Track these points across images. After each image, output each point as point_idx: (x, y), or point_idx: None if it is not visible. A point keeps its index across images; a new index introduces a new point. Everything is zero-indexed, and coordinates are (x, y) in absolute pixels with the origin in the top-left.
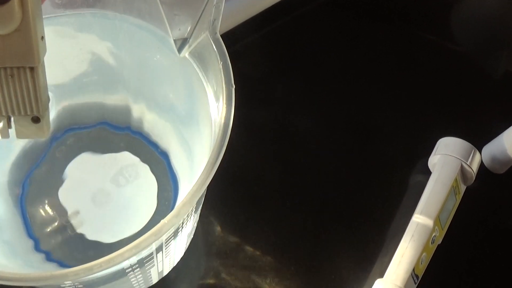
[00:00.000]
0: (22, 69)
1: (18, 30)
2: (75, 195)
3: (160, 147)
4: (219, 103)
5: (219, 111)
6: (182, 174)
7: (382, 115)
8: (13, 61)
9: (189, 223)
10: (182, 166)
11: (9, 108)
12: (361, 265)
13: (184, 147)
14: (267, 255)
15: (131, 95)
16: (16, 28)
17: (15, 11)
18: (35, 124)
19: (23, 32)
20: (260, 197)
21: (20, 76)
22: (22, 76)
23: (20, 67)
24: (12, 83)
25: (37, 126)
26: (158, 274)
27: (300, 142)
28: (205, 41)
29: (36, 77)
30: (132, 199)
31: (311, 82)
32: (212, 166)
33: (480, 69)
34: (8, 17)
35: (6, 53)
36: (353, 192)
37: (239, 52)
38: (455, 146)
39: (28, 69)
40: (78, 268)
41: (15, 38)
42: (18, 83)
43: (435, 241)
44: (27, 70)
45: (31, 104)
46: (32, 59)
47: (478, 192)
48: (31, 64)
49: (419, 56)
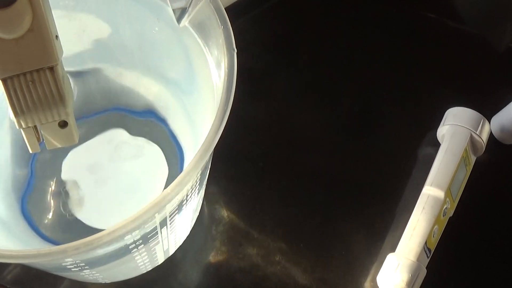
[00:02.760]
0: (42, 71)
1: (31, 30)
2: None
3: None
4: (220, 70)
5: (221, 77)
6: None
7: (389, 89)
8: (31, 64)
9: (194, 196)
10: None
11: (35, 118)
12: (371, 240)
13: (188, 120)
14: (275, 233)
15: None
16: (28, 28)
17: (25, 10)
18: (63, 129)
19: (37, 31)
20: (267, 174)
21: (41, 80)
22: (43, 79)
23: (40, 69)
24: (34, 88)
25: (66, 131)
26: (164, 252)
27: (306, 118)
28: (205, 8)
29: (57, 77)
30: (139, 181)
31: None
32: (215, 132)
33: (485, 42)
34: (18, 18)
35: (22, 57)
36: (361, 167)
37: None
38: (463, 115)
39: (48, 70)
40: (78, 242)
41: (29, 39)
42: (40, 87)
43: (447, 214)
44: (46, 71)
45: (57, 107)
46: (50, 58)
47: (488, 163)
48: (50, 63)
49: (423, 34)
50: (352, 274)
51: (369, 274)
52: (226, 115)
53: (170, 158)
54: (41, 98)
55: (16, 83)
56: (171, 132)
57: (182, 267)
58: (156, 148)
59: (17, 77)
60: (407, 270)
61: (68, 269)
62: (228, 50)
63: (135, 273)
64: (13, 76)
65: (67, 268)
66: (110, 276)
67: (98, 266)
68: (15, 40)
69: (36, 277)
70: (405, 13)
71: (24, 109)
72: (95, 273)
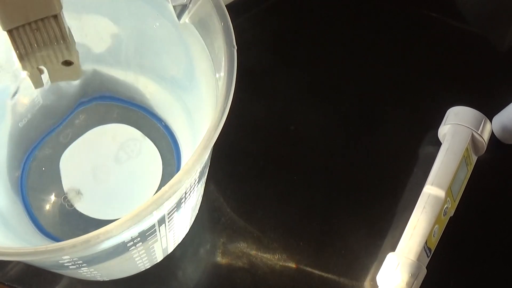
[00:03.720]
0: (46, 20)
1: None
2: (76, 171)
3: (164, 121)
4: (220, 67)
5: (220, 74)
6: (185, 147)
7: (390, 88)
8: (36, 14)
9: (193, 194)
10: (186, 138)
11: (40, 60)
12: (371, 239)
13: (187, 118)
14: (275, 231)
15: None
16: None
17: None
18: (67, 67)
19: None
20: (267, 172)
21: (46, 27)
22: (48, 26)
23: (44, 18)
24: (40, 35)
25: (70, 68)
26: (163, 250)
27: (307, 117)
28: (205, 4)
29: (62, 24)
30: (135, 175)
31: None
32: (214, 128)
33: (487, 42)
34: None
35: (27, 8)
36: (362, 166)
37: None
38: (465, 115)
39: (52, 17)
40: (75, 240)
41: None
42: (46, 34)
43: (447, 213)
44: (51, 19)
45: (62, 50)
46: (53, 7)
47: (489, 163)
48: (53, 12)
49: (425, 33)
50: (352, 273)
51: (369, 274)
52: (225, 111)
53: (167, 155)
54: (46, 42)
55: (22, 32)
56: (168, 128)
57: (181, 265)
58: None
59: (22, 26)
60: (407, 270)
61: (65, 266)
62: (228, 47)
63: (133, 271)
64: (18, 26)
65: (64, 265)
66: (108, 274)
67: (96, 264)
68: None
69: (35, 274)
70: (407, 12)
71: (30, 53)
72: (93, 270)
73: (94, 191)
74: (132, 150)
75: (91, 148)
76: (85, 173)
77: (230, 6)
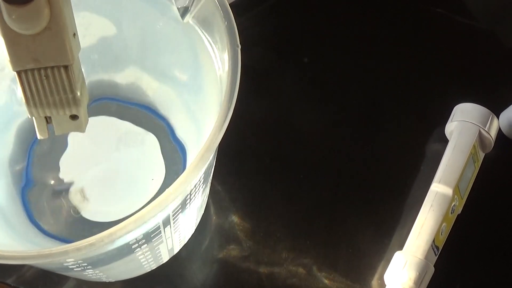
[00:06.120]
0: (57, 69)
1: (49, 28)
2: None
3: (167, 119)
4: (224, 66)
5: (225, 73)
6: (190, 147)
7: (396, 85)
8: (47, 61)
9: (198, 195)
10: (190, 138)
11: (46, 109)
12: (379, 237)
13: (191, 118)
14: (282, 231)
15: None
16: (46, 27)
17: (43, 9)
18: (73, 120)
19: (54, 30)
20: (273, 171)
21: (55, 76)
22: (57, 76)
23: (54, 66)
24: (48, 84)
25: (75, 122)
26: (168, 251)
27: (312, 115)
28: (209, 4)
29: (72, 76)
30: (139, 174)
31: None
32: (219, 129)
33: (493, 38)
34: (35, 16)
35: (38, 53)
36: (368, 164)
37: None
38: (472, 112)
39: (63, 68)
40: (79, 243)
41: (46, 37)
42: (54, 84)
43: (455, 211)
44: (61, 69)
45: (69, 103)
46: (65, 58)
47: (496, 160)
48: (64, 62)
49: (431, 29)
50: (359, 272)
51: (377, 272)
52: (230, 111)
53: (171, 154)
54: (54, 94)
55: (31, 76)
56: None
57: (187, 265)
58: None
59: (31, 70)
60: (415, 268)
61: (70, 269)
62: (232, 46)
63: (139, 272)
64: (27, 69)
65: (69, 268)
66: (113, 275)
67: (101, 266)
68: (32, 36)
69: (40, 276)
70: (413, 8)
71: (37, 101)
72: (98, 272)
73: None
74: (135, 147)
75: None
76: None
77: (232, 5)
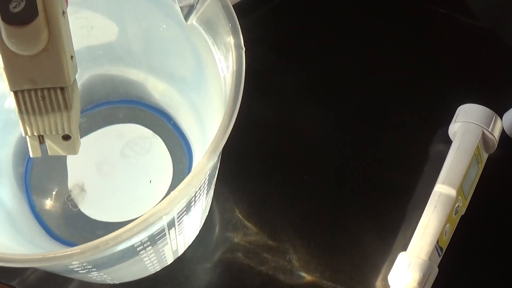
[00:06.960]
0: (53, 90)
1: (46, 50)
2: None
3: (173, 120)
4: (228, 68)
5: (228, 75)
6: (196, 145)
7: (399, 86)
8: (43, 82)
9: (202, 197)
10: (195, 136)
11: (40, 128)
12: (383, 238)
13: (196, 117)
14: (286, 232)
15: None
16: (43, 48)
17: (41, 30)
18: (65, 141)
19: (51, 52)
20: (277, 173)
21: (51, 97)
22: (53, 97)
23: (51, 88)
24: (44, 104)
25: (68, 143)
26: (173, 253)
27: (315, 116)
28: (213, 5)
29: (68, 97)
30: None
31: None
32: (223, 132)
33: (497, 38)
34: (34, 38)
35: (35, 74)
36: (372, 165)
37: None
38: (475, 112)
39: (59, 89)
40: (84, 246)
41: (43, 58)
42: (49, 104)
43: (459, 212)
44: (57, 90)
45: (63, 124)
46: (62, 79)
47: (500, 160)
48: (61, 84)
49: (434, 29)
50: (363, 273)
51: (380, 273)
52: (234, 114)
53: (177, 154)
54: (49, 114)
55: (27, 96)
56: (178, 129)
57: (191, 267)
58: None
59: (28, 91)
60: (419, 269)
61: (75, 271)
62: (236, 48)
63: (143, 273)
64: (24, 90)
65: (74, 270)
66: (118, 277)
67: (106, 268)
68: (29, 57)
69: (45, 278)
70: (415, 8)
71: (32, 120)
72: (103, 274)
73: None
74: (141, 148)
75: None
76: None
77: (235, 6)
